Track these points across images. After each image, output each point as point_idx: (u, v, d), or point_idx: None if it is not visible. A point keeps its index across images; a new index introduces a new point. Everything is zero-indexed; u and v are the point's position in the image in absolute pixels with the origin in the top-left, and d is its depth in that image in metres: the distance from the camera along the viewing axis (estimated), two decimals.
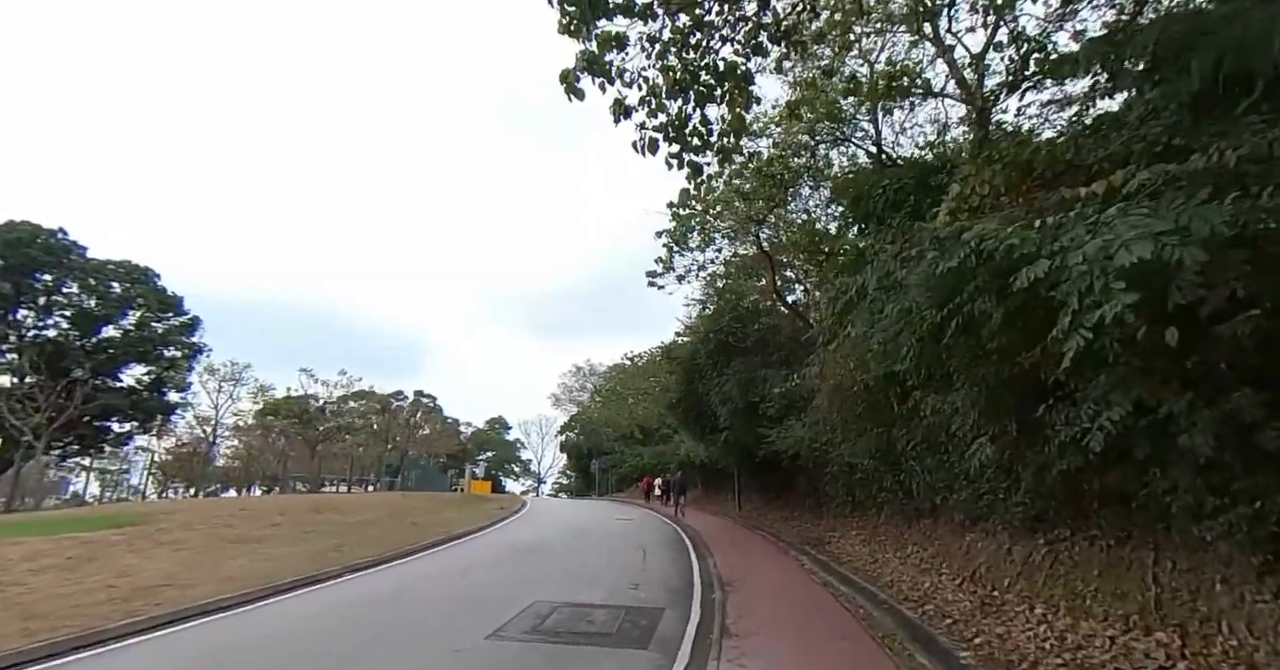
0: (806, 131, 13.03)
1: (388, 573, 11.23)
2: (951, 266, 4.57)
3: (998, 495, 7.47)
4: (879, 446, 10.02)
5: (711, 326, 19.50)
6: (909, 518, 12.08)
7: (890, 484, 12.11)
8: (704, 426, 22.24)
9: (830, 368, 9.62)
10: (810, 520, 18.19)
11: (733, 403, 18.59)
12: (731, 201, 14.73)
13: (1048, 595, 6.07)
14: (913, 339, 5.53)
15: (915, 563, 10.46)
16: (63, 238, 29.65)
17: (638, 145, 7.46)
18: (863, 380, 8.58)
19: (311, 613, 8.19)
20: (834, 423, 11.00)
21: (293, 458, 39.42)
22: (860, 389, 9.11)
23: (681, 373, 22.14)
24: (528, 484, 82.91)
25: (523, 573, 11.42)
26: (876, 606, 8.43)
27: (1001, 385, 5.19)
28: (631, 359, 45.73)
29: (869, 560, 12.03)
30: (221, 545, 12.34)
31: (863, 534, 14.05)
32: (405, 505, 23.17)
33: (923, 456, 9.55)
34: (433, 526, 17.37)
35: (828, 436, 12.73)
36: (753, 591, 9.99)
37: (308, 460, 38.87)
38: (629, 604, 9.00)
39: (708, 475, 30.71)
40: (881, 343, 6.40)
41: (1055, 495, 5.96)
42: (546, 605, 8.66)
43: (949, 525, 9.91)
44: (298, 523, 16.09)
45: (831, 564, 12.22)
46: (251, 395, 36.56)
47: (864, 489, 13.87)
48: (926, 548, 10.66)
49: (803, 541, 15.69)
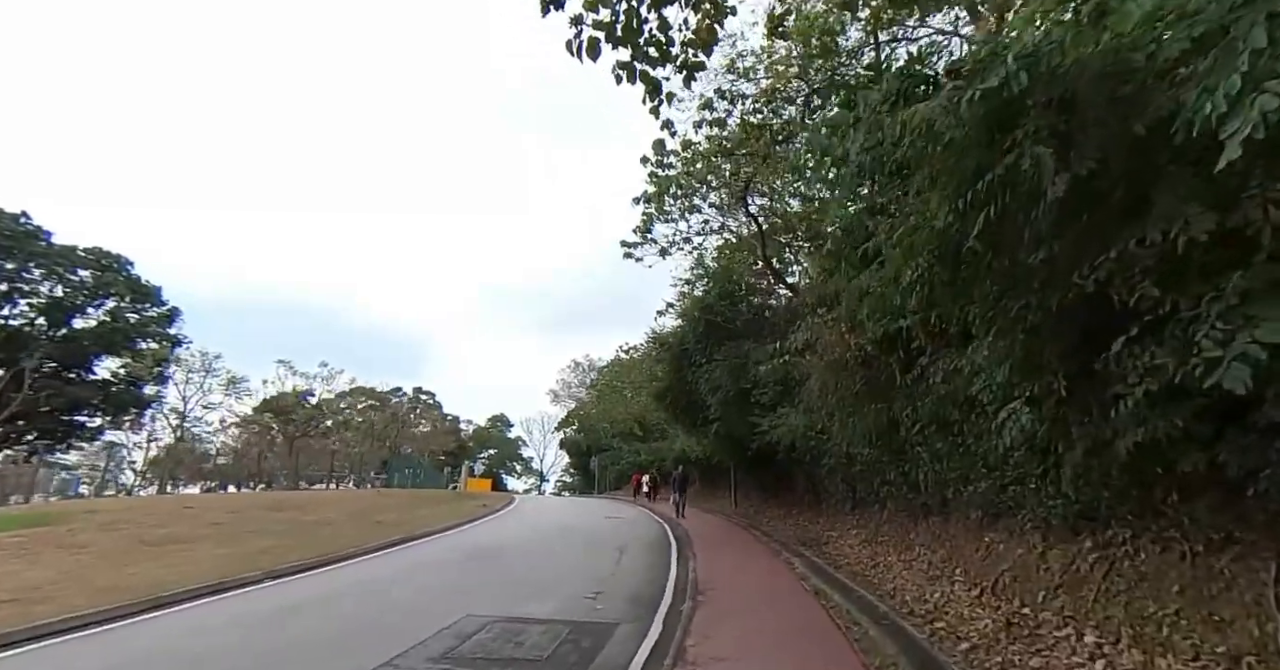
0: (799, 73, 11.37)
1: (315, 579, 9.78)
2: (990, 89, 3.01)
3: (1027, 485, 5.92)
4: (879, 429, 8.48)
5: (700, 307, 17.92)
6: (915, 515, 10.55)
7: (893, 476, 10.56)
8: (694, 418, 20.65)
9: (820, 336, 8.08)
10: (808, 518, 16.65)
11: (723, 390, 17.02)
12: (713, 157, 13.07)
13: (1101, 618, 4.54)
14: (920, 269, 4.01)
15: (923, 567, 8.93)
16: (26, 223, 28.19)
17: (573, 46, 5.94)
18: (858, 347, 7.06)
19: (181, 633, 6.72)
20: (828, 406, 9.47)
21: (274, 454, 37.94)
22: (855, 360, 7.58)
23: (669, 360, 20.53)
24: (530, 482, 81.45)
25: (470, 579, 9.96)
26: (876, 623, 6.89)
27: (1047, 324, 3.67)
28: (627, 352, 44.14)
29: (869, 563, 10.51)
30: (134, 549, 10.92)
31: (863, 533, 12.52)
32: (379, 503, 21.75)
33: (931, 441, 8.00)
34: (396, 526, 15.95)
35: (822, 423, 11.19)
36: (730, 602, 8.48)
37: (288, 456, 37.33)
38: (579, 618, 7.54)
39: (704, 471, 29.18)
40: (879, 286, 4.84)
41: (1111, 482, 4.42)
42: (477, 621, 7.22)
43: (963, 523, 8.36)
44: (246, 522, 14.67)
45: (826, 568, 10.69)
46: (223, 387, 34.87)
47: (864, 483, 12.33)
48: (936, 550, 9.12)
49: (797, 541, 14.17)
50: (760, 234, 14.18)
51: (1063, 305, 3.43)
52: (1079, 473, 4.20)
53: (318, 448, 39.87)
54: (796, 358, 10.05)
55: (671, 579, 10.26)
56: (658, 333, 20.24)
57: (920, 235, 3.96)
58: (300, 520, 15.59)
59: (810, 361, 9.23)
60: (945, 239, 3.70)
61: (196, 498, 19.74)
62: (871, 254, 6.09)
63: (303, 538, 12.92)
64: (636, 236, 15.56)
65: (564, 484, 75.51)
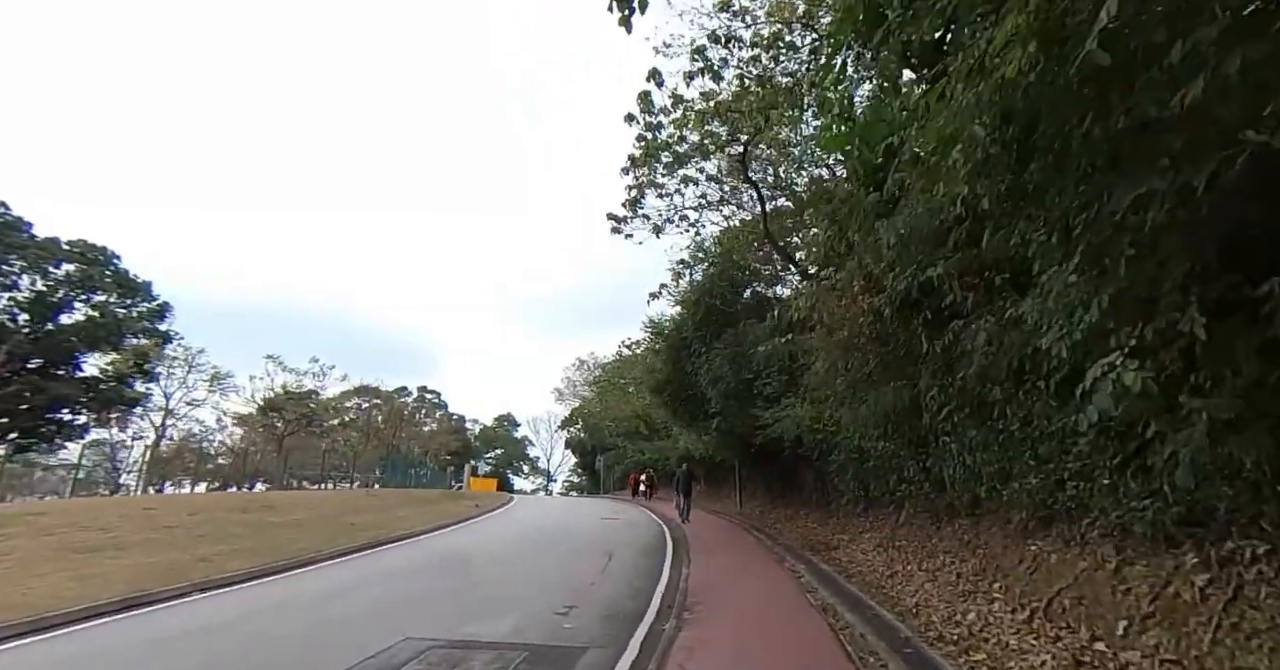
0: (804, 15, 9.93)
1: (246, 592, 8.56)
2: None
3: (1097, 480, 4.55)
4: (898, 416, 7.14)
5: (699, 292, 16.56)
6: (938, 517, 9.20)
7: (913, 472, 9.21)
8: (694, 412, 19.33)
9: (827, 305, 6.74)
10: (816, 520, 15.30)
11: (724, 381, 15.70)
12: (708, 119, 11.61)
13: (1229, 667, 3.20)
14: (979, 147, 2.67)
15: (949, 580, 7.57)
16: (4, 213, 27.11)
17: None
18: (873, 312, 5.72)
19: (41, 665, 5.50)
20: (836, 392, 8.13)
21: (272, 453, 36.80)
22: (869, 333, 6.24)
23: (667, 350, 19.20)
24: (538, 482, 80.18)
25: (429, 591, 8.73)
26: (896, 651, 5.57)
27: (1178, 228, 2.34)
28: (630, 347, 42.72)
29: (885, 572, 9.15)
30: (58, 556, 9.76)
31: (877, 537, 11.17)
32: (362, 504, 20.55)
33: (962, 428, 6.64)
34: (370, 529, 14.75)
35: (830, 412, 9.84)
36: (722, 621, 7.17)
37: (279, 455, 36.20)
38: (541, 640, 6.29)
39: (707, 471, 27.80)
40: (908, 222, 3.51)
41: (1245, 475, 3.05)
42: (414, 646, 5.99)
43: (999, 528, 7.00)
44: (202, 525, 13.48)
45: (836, 577, 9.36)
46: (206, 383, 33.54)
47: (879, 480, 10.96)
48: (965, 559, 7.77)
49: (804, 545, 12.82)
50: (761, 202, 12.72)
51: (1215, 186, 2.11)
52: (1197, 460, 2.86)
53: (321, 447, 38.66)
54: (800, 336, 8.69)
55: (660, 590, 8.97)
56: (654, 321, 18.86)
57: (987, 83, 2.62)
58: (264, 522, 14.41)
59: (816, 338, 7.88)
60: (1018, 92, 2.39)
61: (162, 498, 18.64)
62: (892, 190, 4.76)
63: (257, 542, 11.73)
64: (626, 210, 14.09)
65: (571, 484, 74.11)
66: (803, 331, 8.56)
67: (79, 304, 30.46)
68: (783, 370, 14.41)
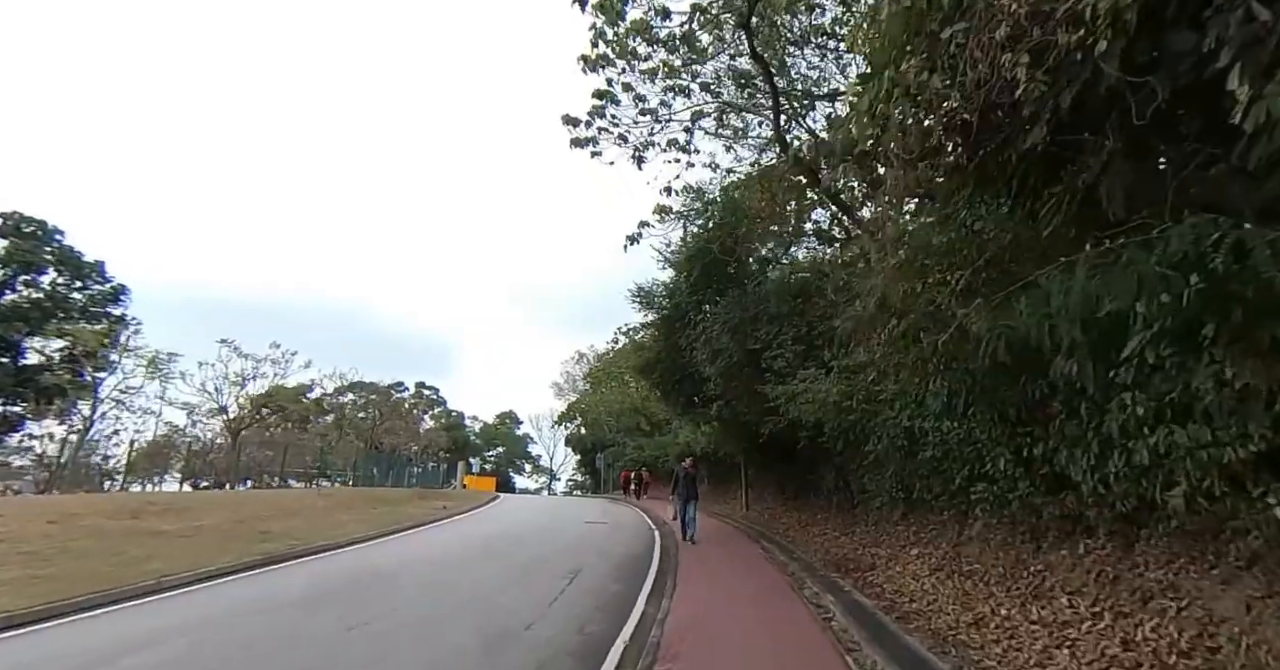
0: None
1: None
2: None
3: None
4: (1010, 351, 4.11)
5: (694, 250, 13.51)
6: (1039, 533, 6.22)
7: (1001, 464, 6.17)
8: (689, 395, 16.28)
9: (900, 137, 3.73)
10: (838, 527, 12.26)
11: (725, 355, 12.66)
12: None
13: None
14: None
15: (1090, 642, 4.53)
16: None
17: None
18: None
19: None
20: (891, 335, 5.11)
21: (219, 448, 33.84)
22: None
23: (659, 323, 16.13)
24: (541, 481, 77.05)
25: (251, 645, 5.74)
26: None
27: None
28: (626, 334, 39.55)
29: (961, 615, 6.08)
30: None
31: (933, 556, 8.12)
32: (302, 506, 17.53)
33: (1151, 384, 3.63)
34: (282, 539, 11.80)
35: (873, 380, 6.82)
36: None
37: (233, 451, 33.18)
38: None
39: (710, 467, 24.64)
40: None
41: None
42: None
43: (1195, 563, 3.99)
44: (46, 538, 10.38)
45: (884, 620, 6.31)
46: (145, 370, 30.01)
47: (936, 477, 7.93)
48: (1105, 600, 4.79)
49: (827, 564, 9.78)
50: (774, 94, 9.38)
51: None
52: None
53: (256, 441, 35.60)
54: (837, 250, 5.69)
55: (622, 639, 6.00)
56: (643, 288, 15.76)
57: None
58: (144, 532, 11.45)
59: (863, 250, 4.84)
60: None
61: (46, 501, 15.86)
62: None
63: (95, 563, 8.76)
64: (587, 117, 10.68)
65: (575, 483, 70.71)
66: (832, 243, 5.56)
67: (21, 286, 27.67)
68: (798, 338, 11.39)
